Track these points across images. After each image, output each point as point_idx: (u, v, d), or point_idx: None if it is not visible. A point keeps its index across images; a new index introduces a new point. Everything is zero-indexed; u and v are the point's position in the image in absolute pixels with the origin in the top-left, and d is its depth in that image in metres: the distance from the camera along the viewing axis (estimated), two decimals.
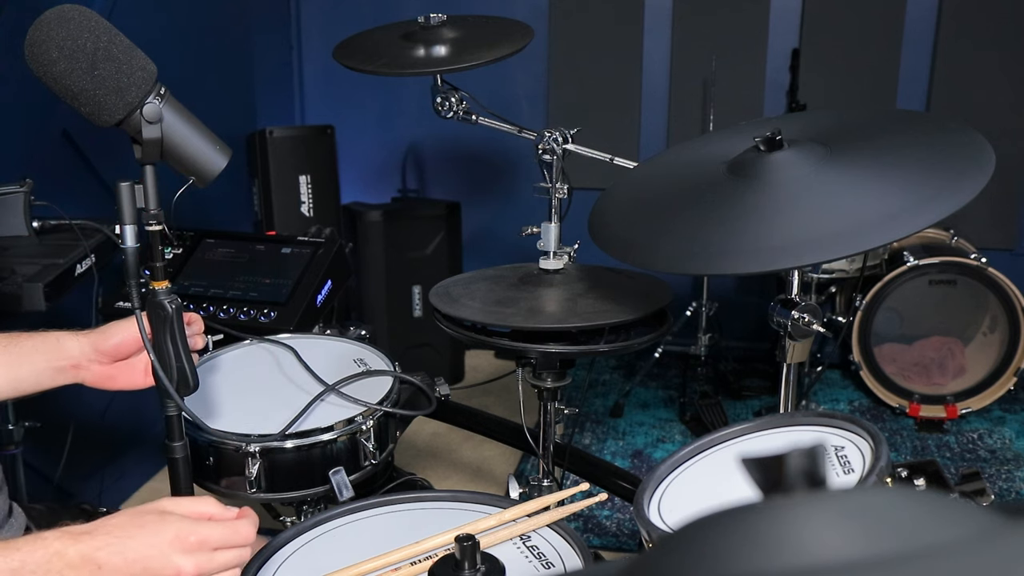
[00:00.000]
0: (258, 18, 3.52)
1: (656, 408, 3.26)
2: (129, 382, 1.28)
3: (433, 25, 1.88)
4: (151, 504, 0.97)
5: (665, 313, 1.54)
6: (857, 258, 3.03)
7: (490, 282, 1.61)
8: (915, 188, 1.09)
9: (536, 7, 3.57)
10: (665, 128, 3.64)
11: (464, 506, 1.23)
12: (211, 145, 1.10)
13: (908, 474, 1.05)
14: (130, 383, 1.29)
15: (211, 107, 1.93)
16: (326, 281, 2.02)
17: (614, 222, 1.34)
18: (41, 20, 0.99)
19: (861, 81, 3.44)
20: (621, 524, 2.52)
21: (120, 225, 1.07)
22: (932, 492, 0.98)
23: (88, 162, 2.49)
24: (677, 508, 1.07)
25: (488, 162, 3.78)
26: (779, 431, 1.16)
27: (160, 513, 0.94)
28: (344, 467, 1.37)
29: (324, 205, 3.36)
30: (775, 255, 1.09)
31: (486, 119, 1.81)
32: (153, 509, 0.95)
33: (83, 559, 0.88)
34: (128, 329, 1.25)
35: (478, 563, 1.01)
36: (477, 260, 3.58)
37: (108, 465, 2.59)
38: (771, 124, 1.23)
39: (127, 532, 0.91)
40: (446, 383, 1.60)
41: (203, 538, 0.93)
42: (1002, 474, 2.80)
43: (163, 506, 0.96)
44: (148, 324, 1.14)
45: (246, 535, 0.97)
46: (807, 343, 1.34)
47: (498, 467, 2.88)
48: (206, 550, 0.93)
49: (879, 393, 3.13)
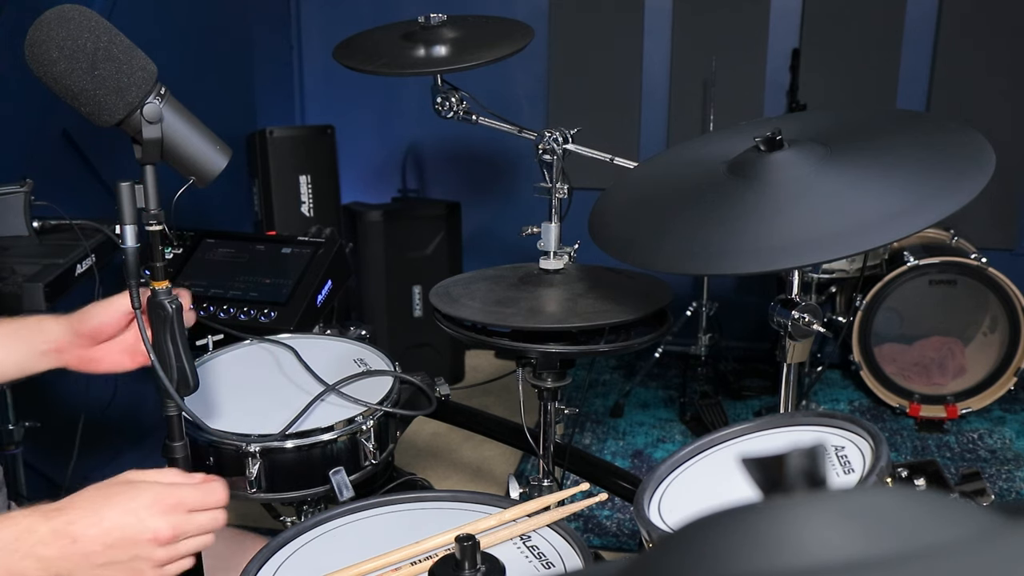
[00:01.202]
0: (258, 18, 3.52)
1: (656, 408, 3.26)
2: (114, 364, 1.25)
3: (433, 25, 1.88)
4: (116, 477, 0.96)
5: (665, 313, 1.54)
6: (857, 258, 3.03)
7: (490, 282, 1.61)
8: (915, 188, 1.09)
9: (536, 7, 3.57)
10: (665, 128, 3.64)
11: (464, 506, 1.23)
12: (211, 145, 1.09)
13: (908, 474, 1.05)
14: (115, 365, 1.26)
15: (211, 107, 1.93)
16: (326, 281, 2.02)
17: (614, 222, 1.34)
18: (41, 20, 0.99)
19: (861, 81, 3.44)
20: (621, 524, 2.52)
21: (120, 225, 1.06)
22: (932, 492, 0.98)
23: (88, 162, 2.49)
24: (677, 508, 1.07)
25: (488, 162, 3.78)
26: (779, 431, 1.16)
27: (129, 483, 0.94)
28: (344, 467, 1.37)
29: (324, 205, 3.36)
30: (775, 255, 1.09)
31: (486, 119, 1.81)
32: (121, 480, 0.95)
33: (55, 534, 0.87)
34: (107, 310, 1.22)
35: (478, 563, 1.01)
36: (477, 260, 3.58)
37: (108, 465, 2.59)
38: (771, 124, 1.23)
39: (100, 503, 0.90)
40: (446, 383, 1.60)
41: (179, 499, 0.93)
42: (1002, 474, 2.80)
43: (129, 476, 0.95)
44: (148, 324, 1.14)
45: (220, 496, 0.97)
46: (807, 343, 1.34)
47: (498, 467, 2.88)
48: (182, 512, 0.93)
49: (879, 393, 3.13)
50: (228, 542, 1.37)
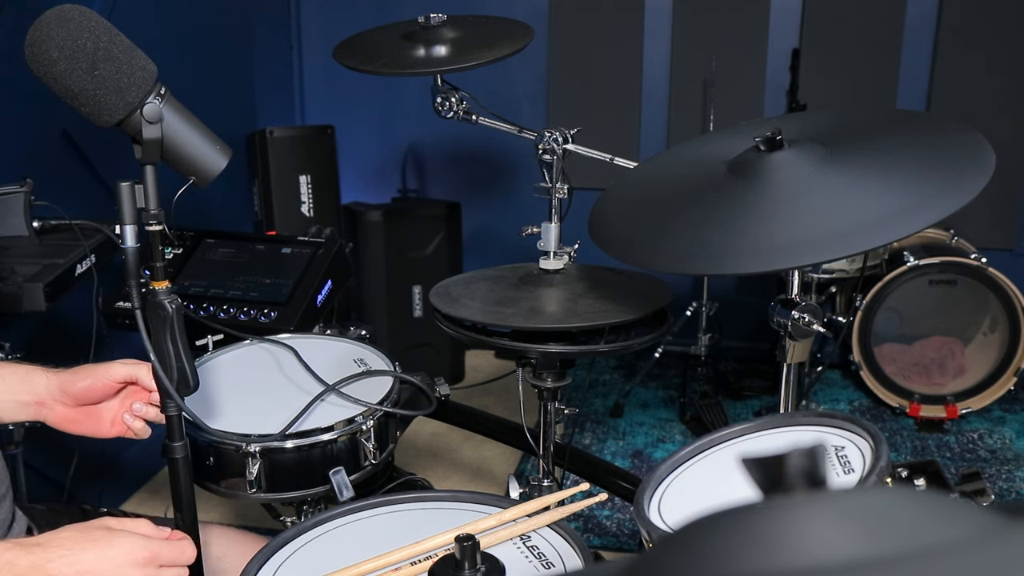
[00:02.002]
0: (258, 18, 3.52)
1: (656, 408, 3.26)
2: (93, 429, 1.25)
3: (433, 25, 1.88)
4: (96, 521, 0.99)
5: (665, 313, 1.54)
6: (857, 258, 3.03)
7: (490, 282, 1.61)
8: (915, 188, 1.09)
9: (536, 7, 3.57)
10: (665, 128, 3.64)
11: (464, 506, 1.23)
12: (211, 145, 1.09)
13: (908, 474, 1.05)
14: (94, 431, 1.25)
15: (211, 107, 1.93)
16: (326, 281, 2.02)
17: (614, 222, 1.34)
18: (41, 20, 0.99)
19: (861, 81, 3.44)
20: (621, 524, 2.52)
21: (120, 225, 1.06)
22: (932, 492, 0.98)
23: (88, 162, 2.49)
24: (677, 508, 1.07)
25: (488, 162, 3.78)
26: (779, 431, 1.16)
27: (108, 529, 0.97)
28: (344, 467, 1.37)
29: (324, 205, 3.36)
30: (775, 255, 1.08)
31: (486, 119, 1.81)
32: (100, 525, 0.98)
33: (33, 569, 0.90)
34: (98, 375, 1.22)
35: (478, 563, 1.01)
36: (477, 260, 3.58)
37: (108, 465, 2.59)
38: (771, 124, 1.23)
39: (79, 545, 0.93)
40: (446, 383, 1.60)
41: (154, 554, 0.96)
42: (1002, 474, 2.80)
43: (108, 523, 0.98)
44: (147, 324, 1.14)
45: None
46: (807, 343, 1.34)
47: (498, 467, 2.88)
48: (154, 566, 0.96)
49: (879, 393, 3.13)
50: (228, 542, 1.37)
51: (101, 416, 1.25)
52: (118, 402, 1.26)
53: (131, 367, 1.24)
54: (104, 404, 1.25)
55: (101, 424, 1.25)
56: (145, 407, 1.24)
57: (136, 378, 1.24)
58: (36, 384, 1.22)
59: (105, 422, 1.25)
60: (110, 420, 1.25)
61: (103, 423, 1.25)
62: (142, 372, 1.23)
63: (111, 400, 1.26)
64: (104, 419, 1.25)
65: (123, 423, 1.25)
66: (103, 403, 1.25)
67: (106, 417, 1.25)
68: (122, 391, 1.26)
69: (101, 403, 1.25)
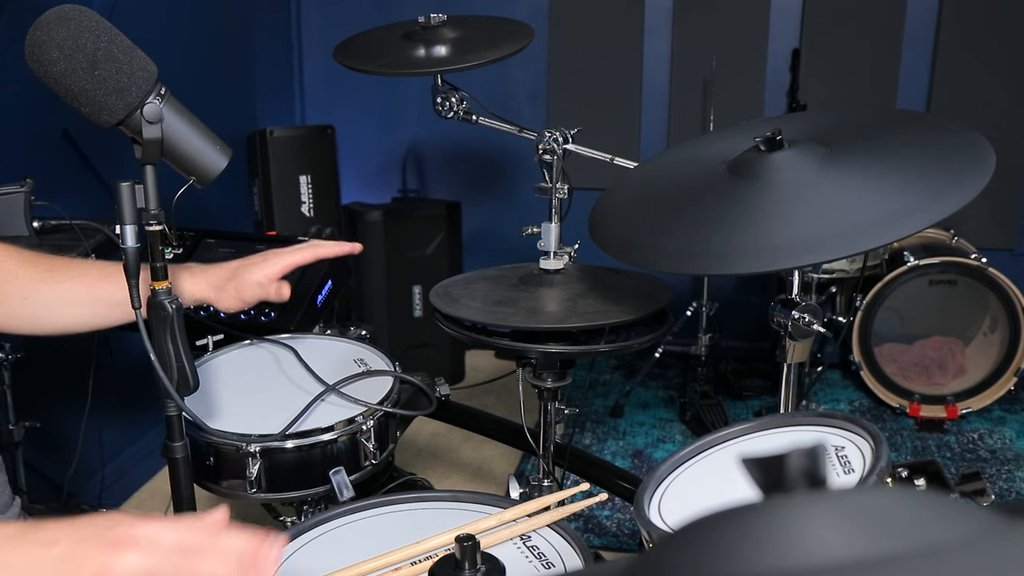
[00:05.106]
0: (258, 18, 3.52)
1: (656, 408, 3.27)
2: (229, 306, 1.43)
3: (433, 25, 1.88)
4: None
5: (665, 313, 1.54)
6: (857, 258, 3.03)
7: (490, 282, 1.61)
8: (915, 188, 1.09)
9: (536, 7, 3.57)
10: (665, 128, 3.64)
11: (464, 506, 1.23)
12: (211, 145, 1.10)
13: (908, 474, 1.05)
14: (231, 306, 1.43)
15: (211, 107, 1.93)
16: (326, 281, 2.02)
17: (614, 222, 1.34)
18: (41, 20, 0.99)
19: (861, 81, 3.44)
20: (621, 524, 2.52)
21: (120, 225, 1.06)
22: (932, 492, 0.98)
23: (88, 162, 2.49)
24: (677, 508, 1.07)
25: (488, 162, 3.79)
26: (779, 431, 1.16)
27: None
28: (344, 467, 1.37)
29: (324, 205, 3.36)
30: (775, 255, 1.08)
31: (486, 119, 1.81)
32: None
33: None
34: (269, 268, 1.43)
35: (478, 563, 1.01)
36: (477, 260, 3.58)
37: (108, 465, 2.59)
38: (771, 124, 1.23)
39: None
40: (446, 383, 1.59)
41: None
42: (1002, 474, 2.80)
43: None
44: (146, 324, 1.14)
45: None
46: (807, 343, 1.34)
47: (498, 467, 2.88)
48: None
49: (879, 393, 3.13)
50: None
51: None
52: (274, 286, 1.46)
53: (295, 254, 1.46)
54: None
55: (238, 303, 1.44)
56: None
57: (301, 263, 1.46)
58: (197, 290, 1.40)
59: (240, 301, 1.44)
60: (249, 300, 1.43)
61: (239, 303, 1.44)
62: (302, 255, 1.46)
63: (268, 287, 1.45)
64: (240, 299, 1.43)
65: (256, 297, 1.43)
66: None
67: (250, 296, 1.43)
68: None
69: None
